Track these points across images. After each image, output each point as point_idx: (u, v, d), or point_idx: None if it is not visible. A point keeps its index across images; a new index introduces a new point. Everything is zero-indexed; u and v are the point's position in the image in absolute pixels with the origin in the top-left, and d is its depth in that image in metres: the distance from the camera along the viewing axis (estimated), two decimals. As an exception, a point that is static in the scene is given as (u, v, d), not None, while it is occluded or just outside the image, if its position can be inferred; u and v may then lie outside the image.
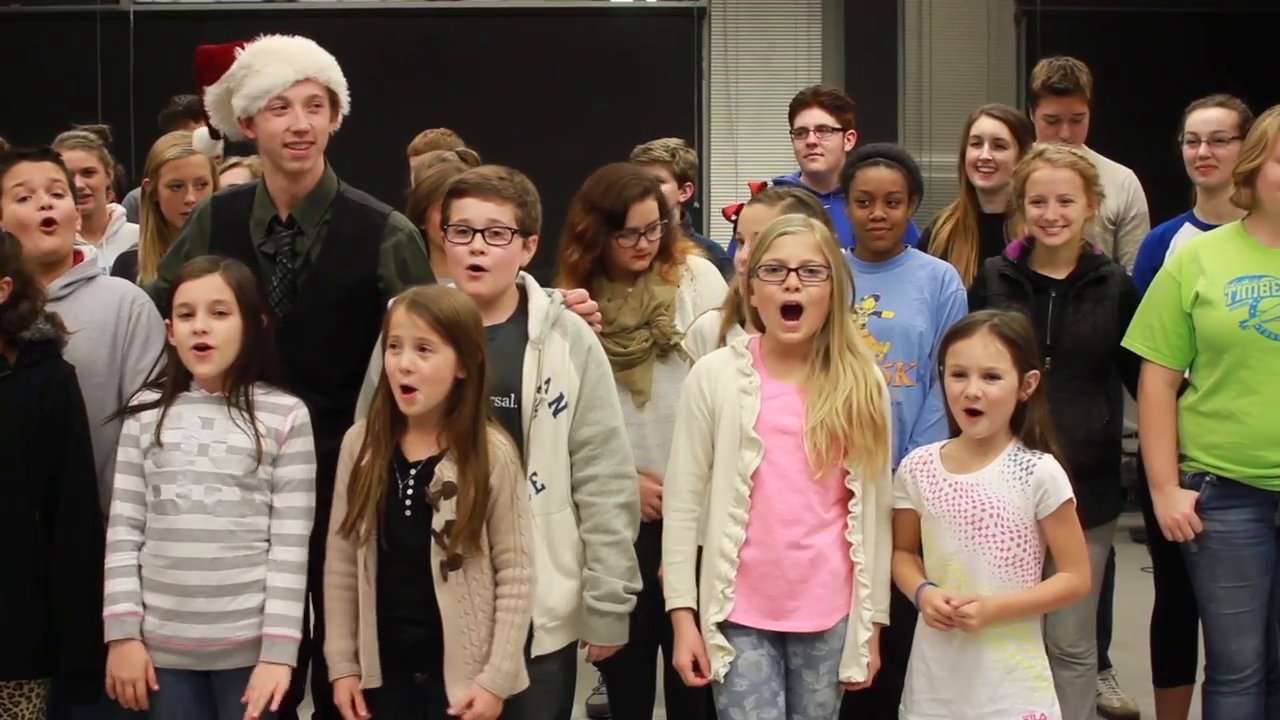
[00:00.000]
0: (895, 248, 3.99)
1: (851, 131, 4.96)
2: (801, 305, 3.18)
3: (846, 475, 3.20)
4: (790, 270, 3.17)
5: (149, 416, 3.19)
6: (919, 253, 4.13)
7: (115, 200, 4.89)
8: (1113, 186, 4.48)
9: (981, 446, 3.24)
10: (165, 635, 3.15)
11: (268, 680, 3.14)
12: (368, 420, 3.09)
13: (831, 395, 3.16)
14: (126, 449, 3.20)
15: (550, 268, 3.82)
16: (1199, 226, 4.23)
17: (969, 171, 4.57)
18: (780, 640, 3.24)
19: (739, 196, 3.90)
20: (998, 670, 3.18)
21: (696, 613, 3.26)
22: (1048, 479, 3.19)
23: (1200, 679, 3.96)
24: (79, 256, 3.52)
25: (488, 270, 3.22)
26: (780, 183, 4.84)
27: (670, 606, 3.27)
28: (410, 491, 3.03)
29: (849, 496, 3.21)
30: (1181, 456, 3.75)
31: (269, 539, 3.19)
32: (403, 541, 3.03)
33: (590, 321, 3.42)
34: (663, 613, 3.35)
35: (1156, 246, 4.28)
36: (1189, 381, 3.76)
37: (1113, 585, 4.76)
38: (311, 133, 3.41)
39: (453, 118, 5.49)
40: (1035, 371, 3.25)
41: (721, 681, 3.21)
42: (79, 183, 4.45)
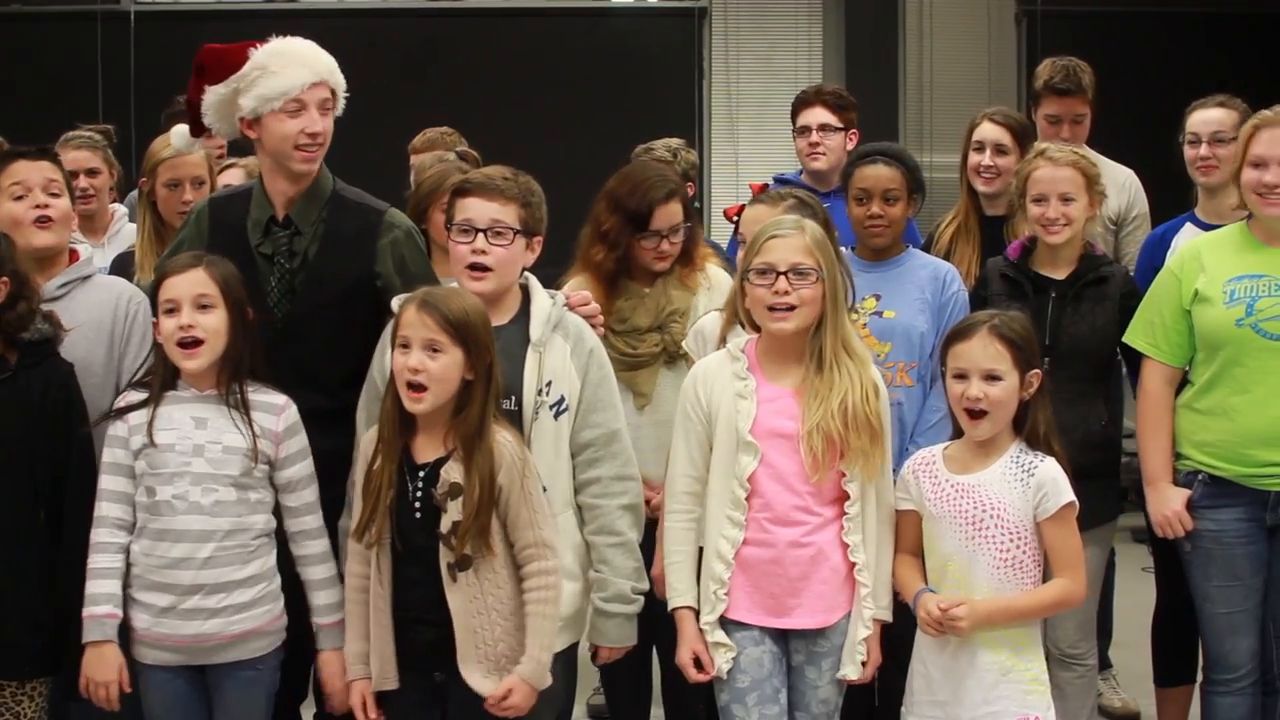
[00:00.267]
0: (895, 246, 3.99)
1: (853, 131, 4.96)
2: (793, 306, 3.19)
3: (843, 477, 3.20)
4: (779, 274, 3.18)
5: (138, 417, 3.17)
6: (920, 253, 4.12)
7: (117, 200, 4.88)
8: (1114, 187, 4.47)
9: (984, 447, 3.24)
10: (161, 633, 3.15)
11: (337, 667, 3.20)
12: (378, 424, 3.09)
13: (827, 398, 3.16)
14: (114, 450, 3.17)
15: (556, 268, 3.82)
16: (1200, 227, 4.23)
17: (970, 176, 4.57)
18: (782, 637, 3.24)
19: (740, 197, 3.90)
20: (992, 673, 3.18)
21: (698, 611, 3.25)
22: (1048, 481, 3.19)
23: (1201, 679, 3.97)
24: (75, 256, 3.51)
25: (490, 270, 3.21)
26: (782, 181, 4.85)
27: (672, 606, 3.27)
28: (419, 494, 3.04)
29: (846, 497, 3.21)
30: (1177, 455, 3.76)
31: (264, 536, 3.20)
32: (414, 543, 3.03)
33: (593, 324, 3.41)
34: (657, 613, 3.36)
35: (1157, 247, 4.28)
36: (1189, 379, 3.77)
37: (1113, 585, 4.76)
38: (323, 135, 3.42)
39: (453, 118, 5.48)
40: (1037, 371, 3.25)
41: (724, 678, 3.21)
42: (83, 183, 4.46)
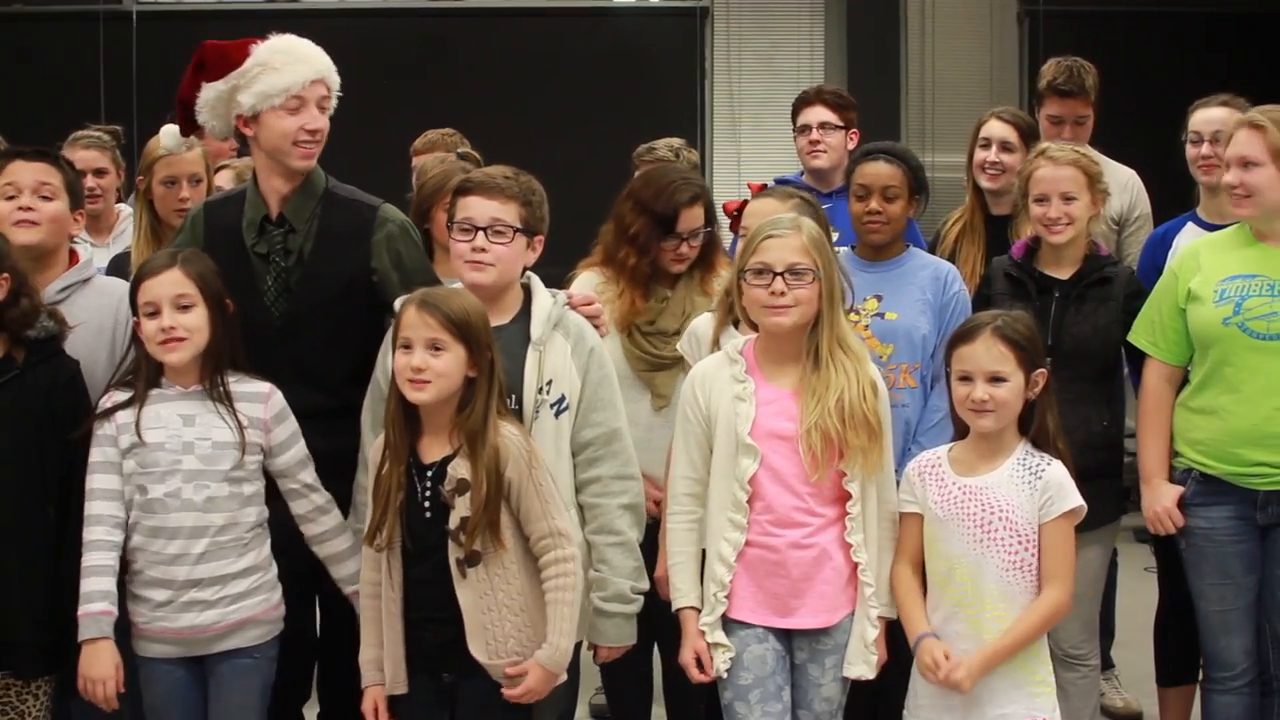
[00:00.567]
0: (895, 245, 3.97)
1: (854, 130, 4.96)
2: (788, 306, 3.19)
3: (843, 476, 3.20)
4: (776, 274, 3.18)
5: (125, 416, 3.17)
6: (921, 253, 4.11)
7: (123, 201, 4.89)
8: (1116, 187, 4.47)
9: (991, 449, 3.23)
10: (160, 626, 3.16)
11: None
12: (384, 428, 3.10)
13: (824, 396, 3.15)
14: (103, 449, 3.18)
15: (558, 268, 3.82)
16: (1202, 226, 4.23)
17: (975, 173, 4.59)
18: (785, 636, 3.23)
19: (741, 196, 3.89)
20: (1000, 676, 3.17)
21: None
22: (1054, 484, 3.18)
23: (1202, 678, 3.97)
24: (74, 258, 3.51)
25: (490, 264, 3.21)
26: (782, 183, 4.84)
27: (675, 606, 3.27)
28: (428, 492, 3.05)
29: (848, 497, 3.21)
30: (1175, 453, 3.76)
31: (258, 528, 3.21)
32: (424, 542, 3.04)
33: (595, 324, 3.41)
34: (658, 613, 3.36)
35: (1159, 246, 4.28)
36: (1189, 378, 3.77)
37: (1116, 585, 4.75)
38: (321, 132, 3.43)
39: (454, 118, 5.47)
40: (1042, 370, 3.24)
41: (724, 678, 3.21)
42: (90, 182, 4.46)
